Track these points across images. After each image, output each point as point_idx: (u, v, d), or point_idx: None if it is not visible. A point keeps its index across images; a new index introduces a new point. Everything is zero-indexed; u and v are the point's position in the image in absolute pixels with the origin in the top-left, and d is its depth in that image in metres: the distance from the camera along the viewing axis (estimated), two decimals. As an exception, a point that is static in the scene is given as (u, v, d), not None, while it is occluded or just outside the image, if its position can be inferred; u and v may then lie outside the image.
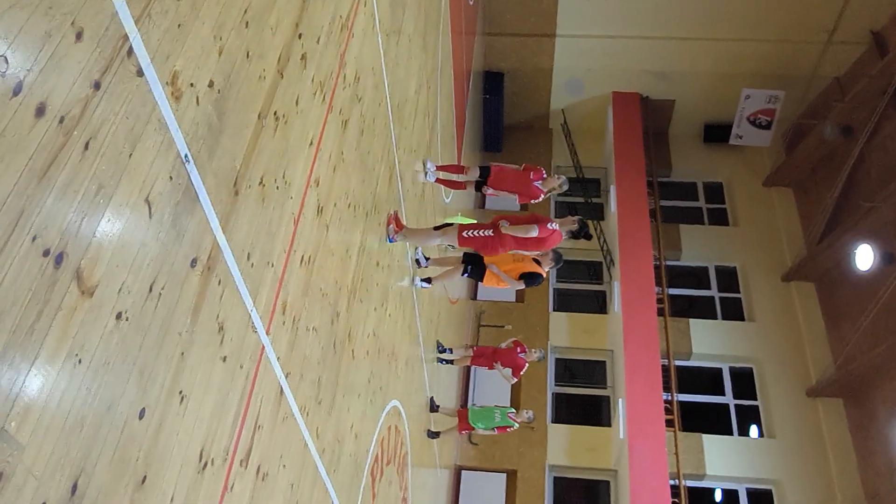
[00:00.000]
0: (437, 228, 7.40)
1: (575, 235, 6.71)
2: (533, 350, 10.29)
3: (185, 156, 2.52)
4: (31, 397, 1.82)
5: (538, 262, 7.35)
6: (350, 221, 4.95)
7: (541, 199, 7.25)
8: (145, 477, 2.36)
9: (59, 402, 1.92)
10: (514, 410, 10.93)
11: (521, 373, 10.24)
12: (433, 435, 10.57)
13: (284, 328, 3.66)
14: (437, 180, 8.22)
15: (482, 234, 6.68)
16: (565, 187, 7.32)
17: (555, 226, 6.57)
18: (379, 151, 5.85)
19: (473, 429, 10.89)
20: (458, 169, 8.46)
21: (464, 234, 6.74)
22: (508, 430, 11.03)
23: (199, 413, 2.73)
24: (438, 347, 10.28)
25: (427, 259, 8.02)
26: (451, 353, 10.59)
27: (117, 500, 2.21)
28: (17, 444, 1.77)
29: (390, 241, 6.39)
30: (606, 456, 15.24)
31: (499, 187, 7.41)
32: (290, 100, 3.59)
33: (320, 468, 4.43)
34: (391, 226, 6.38)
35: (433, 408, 10.59)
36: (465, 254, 7.76)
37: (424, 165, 7.97)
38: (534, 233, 6.49)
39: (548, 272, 7.18)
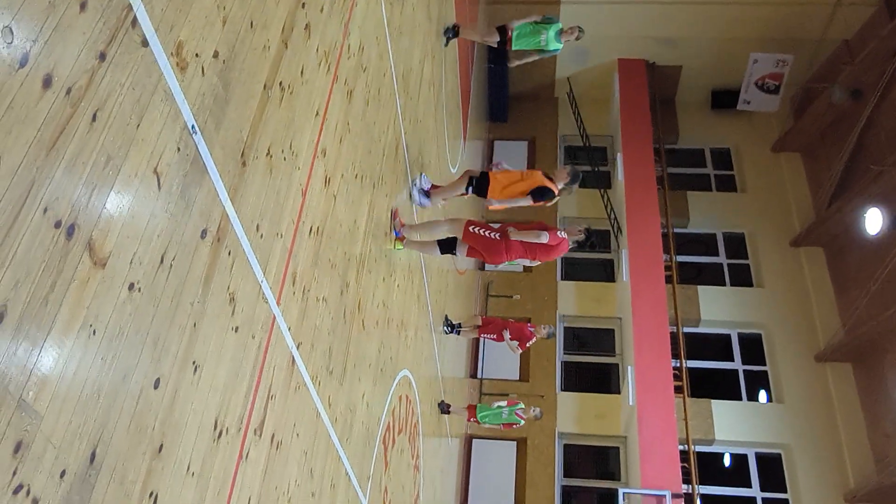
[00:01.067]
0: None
1: (582, 245, 6.60)
2: (542, 326, 10.29)
3: (192, 126, 2.52)
4: (48, 368, 1.84)
5: (550, 179, 6.79)
6: (357, 192, 4.95)
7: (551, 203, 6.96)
8: (162, 445, 2.40)
9: (74, 372, 1.94)
10: (522, 407, 10.97)
11: (528, 345, 10.24)
12: (444, 408, 10.63)
13: (295, 299, 3.68)
14: (433, 186, 7.60)
15: (489, 235, 6.45)
16: (574, 184, 6.94)
17: (563, 234, 6.44)
18: (385, 122, 5.83)
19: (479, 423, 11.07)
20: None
21: (470, 228, 6.49)
22: (514, 426, 11.09)
23: (212, 383, 2.76)
24: (445, 322, 10.25)
25: (430, 186, 7.43)
26: (459, 331, 10.53)
27: (135, 467, 2.24)
28: (35, 413, 1.79)
29: (397, 235, 6.27)
30: (616, 423, 15.35)
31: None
32: (296, 70, 3.58)
33: (333, 437, 4.48)
34: (396, 219, 6.23)
35: (444, 410, 10.58)
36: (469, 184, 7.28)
37: (419, 179, 7.38)
38: (544, 238, 6.33)
39: (560, 192, 6.71)
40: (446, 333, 10.26)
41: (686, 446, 14.05)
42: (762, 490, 14.73)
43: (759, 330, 16.31)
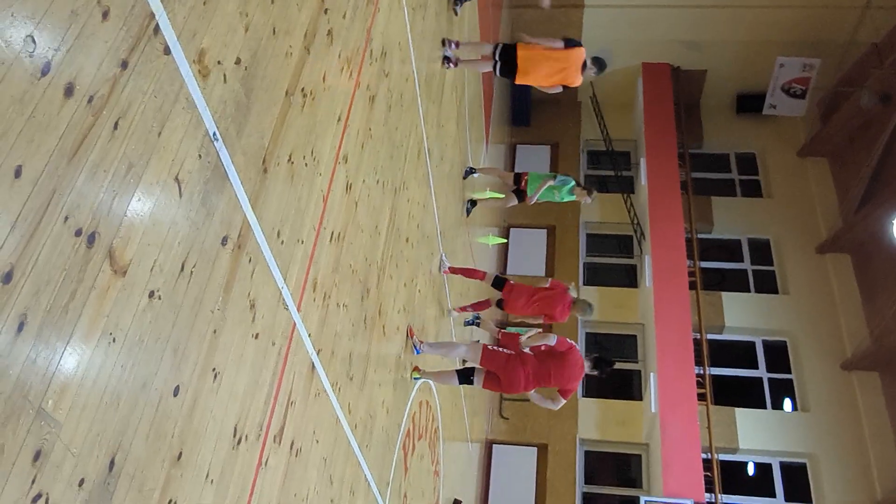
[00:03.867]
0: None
1: (596, 365, 6.98)
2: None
3: (214, 134, 2.52)
4: (67, 376, 1.84)
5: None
6: (379, 198, 4.94)
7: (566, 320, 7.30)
8: (181, 453, 2.39)
9: (94, 380, 1.94)
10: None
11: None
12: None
13: (315, 305, 3.68)
14: (451, 269, 8.25)
15: (505, 352, 6.69)
16: (589, 314, 7.77)
17: (571, 341, 6.76)
18: (407, 127, 5.82)
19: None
20: (470, 273, 8.74)
21: (488, 347, 6.77)
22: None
23: (232, 390, 2.76)
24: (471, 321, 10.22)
25: (456, 46, 7.75)
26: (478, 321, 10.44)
27: (154, 475, 2.24)
28: (54, 422, 1.79)
29: (417, 353, 6.43)
30: (638, 430, 15.21)
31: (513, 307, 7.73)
32: (318, 76, 3.57)
33: (353, 443, 4.46)
34: (414, 337, 6.39)
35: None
36: (496, 48, 7.63)
37: (441, 259, 7.94)
38: (551, 340, 6.64)
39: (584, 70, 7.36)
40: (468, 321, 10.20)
41: (709, 454, 13.90)
42: (787, 500, 14.52)
43: (784, 337, 16.11)
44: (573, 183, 9.10)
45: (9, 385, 1.65)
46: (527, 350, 6.75)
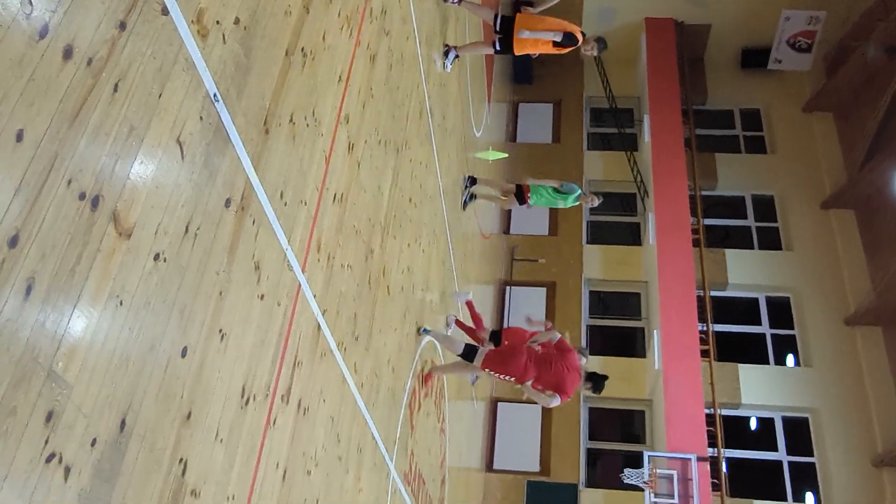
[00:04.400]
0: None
1: (589, 378, 6.91)
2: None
3: (214, 95, 2.50)
4: (76, 338, 1.86)
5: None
6: (381, 158, 4.92)
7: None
8: (190, 413, 2.43)
9: (103, 342, 1.96)
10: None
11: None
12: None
13: (319, 266, 3.69)
14: (456, 322, 8.57)
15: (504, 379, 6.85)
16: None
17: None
18: (408, 86, 5.77)
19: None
20: (477, 323, 8.93)
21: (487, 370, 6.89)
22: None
23: (239, 351, 2.78)
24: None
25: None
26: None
27: (164, 435, 2.27)
28: (65, 383, 1.82)
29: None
30: (641, 386, 15.35)
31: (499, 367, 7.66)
32: (317, 35, 3.54)
33: (359, 402, 4.52)
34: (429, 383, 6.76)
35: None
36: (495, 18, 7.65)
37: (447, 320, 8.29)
38: (555, 402, 6.61)
39: (586, 47, 7.49)
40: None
41: (712, 410, 14.04)
42: (789, 454, 14.70)
43: (787, 294, 16.15)
44: (579, 191, 9.15)
45: (19, 348, 1.67)
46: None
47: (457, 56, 7.77)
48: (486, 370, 6.86)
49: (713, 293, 15.92)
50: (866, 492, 13.63)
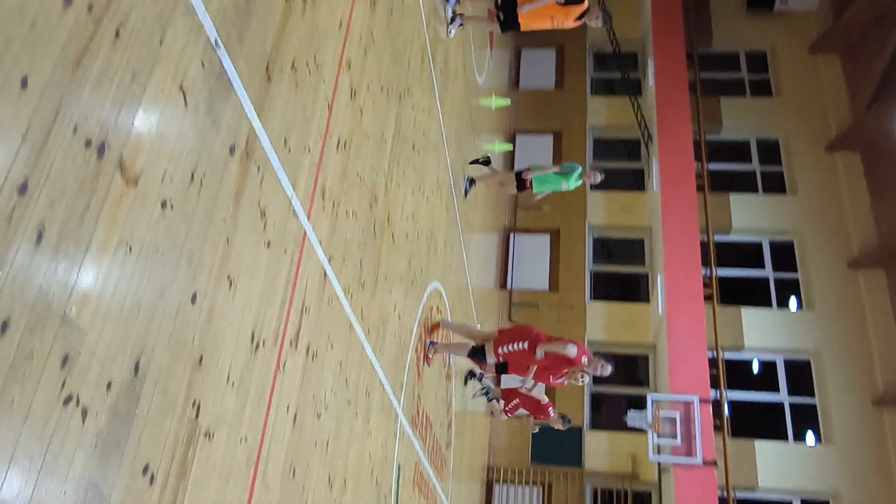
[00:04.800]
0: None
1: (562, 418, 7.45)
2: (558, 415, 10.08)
3: (215, 41, 2.49)
4: (88, 285, 1.89)
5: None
6: (383, 104, 4.89)
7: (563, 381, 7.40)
8: (202, 357, 2.47)
9: (114, 288, 1.99)
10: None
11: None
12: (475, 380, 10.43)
13: (325, 213, 3.71)
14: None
15: (518, 348, 7.08)
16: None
17: (585, 360, 6.99)
18: (409, 32, 5.70)
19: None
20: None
21: (499, 349, 7.17)
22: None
23: (247, 297, 2.82)
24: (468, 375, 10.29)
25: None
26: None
27: (177, 379, 2.32)
28: (78, 328, 1.85)
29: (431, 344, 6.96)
30: (645, 331, 15.48)
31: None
32: (317, -21, 3.49)
33: (366, 347, 4.58)
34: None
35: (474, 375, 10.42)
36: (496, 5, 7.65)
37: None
38: (571, 351, 6.86)
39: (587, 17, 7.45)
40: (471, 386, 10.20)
41: (715, 353, 14.17)
42: (790, 395, 14.89)
43: (791, 237, 16.15)
44: (580, 169, 9.09)
45: (32, 294, 1.70)
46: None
47: (461, 24, 7.72)
48: (499, 348, 7.16)
49: (717, 238, 15.93)
50: (866, 430, 13.83)
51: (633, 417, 13.01)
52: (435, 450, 7.45)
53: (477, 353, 7.34)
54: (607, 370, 7.01)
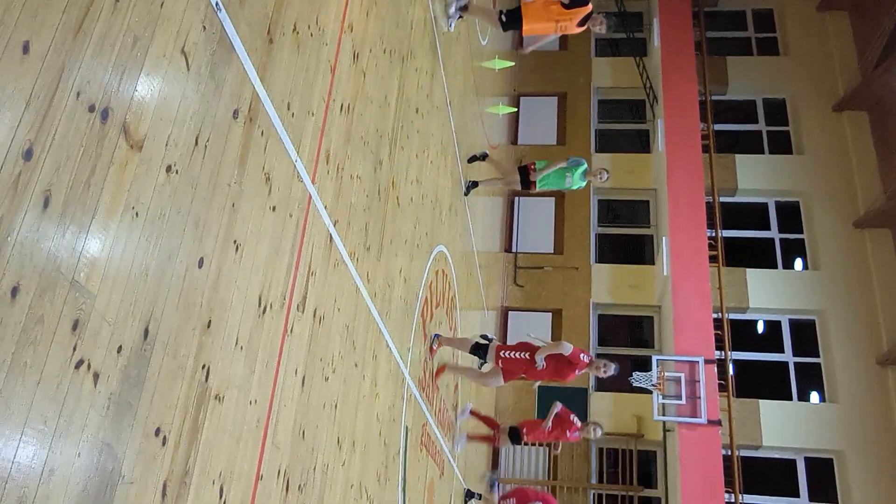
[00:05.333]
0: None
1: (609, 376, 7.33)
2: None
3: (216, 3, 2.47)
4: (96, 249, 1.90)
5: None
6: (386, 67, 4.86)
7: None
8: (210, 321, 2.49)
9: (121, 253, 2.01)
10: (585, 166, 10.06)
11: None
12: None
13: (329, 177, 3.70)
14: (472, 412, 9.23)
15: (519, 356, 7.30)
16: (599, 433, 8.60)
17: (586, 358, 7.18)
18: (411, -8, 5.64)
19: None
20: (490, 423, 9.65)
21: (501, 353, 7.42)
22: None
23: (254, 261, 2.83)
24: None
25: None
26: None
27: (186, 342, 2.34)
28: (88, 293, 1.87)
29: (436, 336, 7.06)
30: (650, 293, 15.52)
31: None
32: (317, -61, 3.44)
33: (373, 311, 4.61)
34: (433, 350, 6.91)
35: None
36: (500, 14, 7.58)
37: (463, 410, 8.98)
38: (566, 349, 7.10)
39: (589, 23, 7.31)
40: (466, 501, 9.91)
41: (720, 315, 14.22)
42: (795, 355, 14.96)
43: (797, 198, 16.09)
44: (586, 165, 9.04)
45: (41, 259, 1.71)
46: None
47: (461, 17, 7.54)
48: (501, 353, 7.37)
49: (722, 199, 15.88)
50: (871, 389, 13.92)
51: (638, 378, 13.10)
52: (442, 411, 7.53)
53: (478, 350, 7.49)
54: (611, 370, 7.13)
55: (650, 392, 13.08)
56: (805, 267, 15.57)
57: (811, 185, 15.89)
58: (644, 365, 13.66)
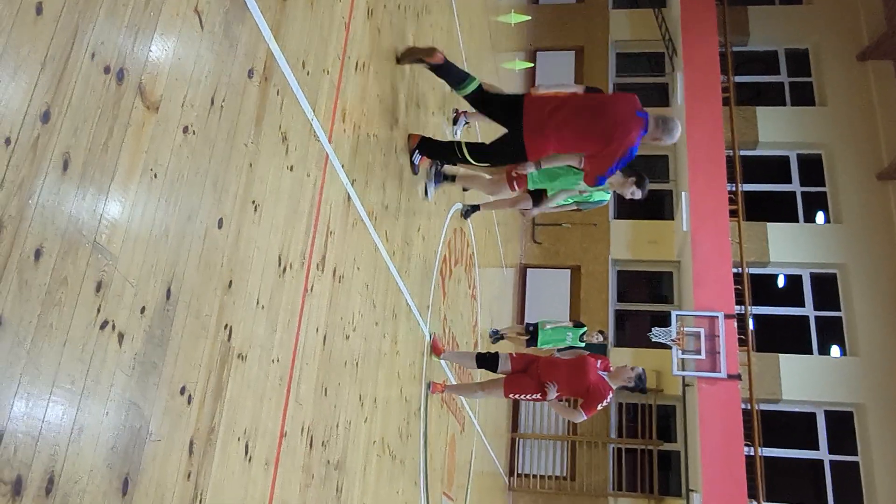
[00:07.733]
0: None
1: (631, 390, 6.23)
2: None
3: (229, -40, 2.44)
4: (116, 211, 1.91)
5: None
6: (401, 23, 4.80)
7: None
8: (231, 281, 2.51)
9: (142, 214, 2.02)
10: (585, 329, 10.33)
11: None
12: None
13: (346, 136, 3.69)
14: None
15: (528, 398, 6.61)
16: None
17: (606, 376, 6.10)
18: (425, -55, 5.54)
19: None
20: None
21: (512, 354, 6.64)
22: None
23: (273, 221, 2.84)
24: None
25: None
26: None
27: (208, 302, 2.36)
28: (110, 254, 1.88)
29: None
30: (669, 248, 15.45)
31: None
32: None
33: (392, 269, 4.62)
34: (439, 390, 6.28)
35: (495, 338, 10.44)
36: None
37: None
38: (579, 418, 6.36)
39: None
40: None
41: (740, 269, 14.14)
42: (816, 309, 14.88)
43: (819, 150, 15.85)
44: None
45: (63, 220, 1.72)
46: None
47: (466, 122, 6.93)
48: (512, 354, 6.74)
49: (743, 152, 15.67)
50: (892, 342, 13.85)
51: (657, 334, 13.10)
52: (461, 368, 7.59)
53: (486, 362, 6.57)
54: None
55: (669, 347, 13.09)
56: (827, 220, 15.40)
57: (834, 137, 15.63)
58: (663, 320, 13.65)
